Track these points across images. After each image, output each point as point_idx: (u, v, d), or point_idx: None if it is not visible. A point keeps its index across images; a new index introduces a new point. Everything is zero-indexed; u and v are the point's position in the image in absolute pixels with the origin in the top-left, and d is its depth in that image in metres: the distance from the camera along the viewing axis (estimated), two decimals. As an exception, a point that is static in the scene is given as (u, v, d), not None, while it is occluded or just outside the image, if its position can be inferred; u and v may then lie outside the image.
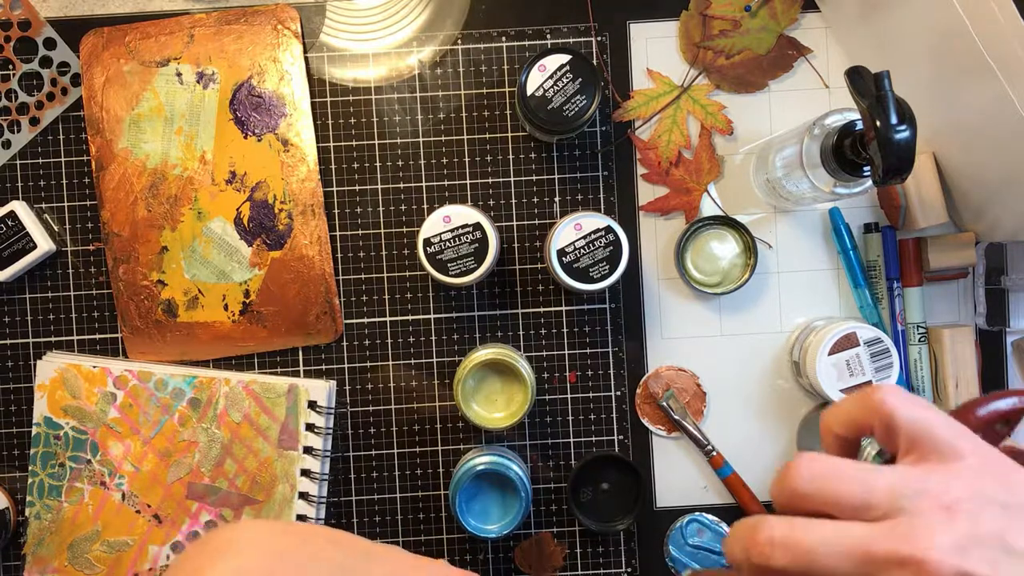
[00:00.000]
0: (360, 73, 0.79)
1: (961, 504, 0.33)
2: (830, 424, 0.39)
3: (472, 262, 0.71)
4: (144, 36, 0.78)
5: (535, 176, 0.80)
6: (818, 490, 0.35)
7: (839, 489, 0.35)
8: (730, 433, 0.80)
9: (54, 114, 0.79)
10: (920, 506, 0.33)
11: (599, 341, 0.80)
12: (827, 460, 0.36)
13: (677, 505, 0.80)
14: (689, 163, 0.79)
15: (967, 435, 0.36)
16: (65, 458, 0.78)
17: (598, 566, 0.80)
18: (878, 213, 0.80)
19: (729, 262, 0.78)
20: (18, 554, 0.79)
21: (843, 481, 0.35)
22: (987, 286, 0.78)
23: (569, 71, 0.72)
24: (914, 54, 0.71)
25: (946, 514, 0.33)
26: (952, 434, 0.36)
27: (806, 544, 0.34)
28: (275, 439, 0.78)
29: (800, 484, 0.36)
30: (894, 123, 0.57)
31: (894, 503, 0.34)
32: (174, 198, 0.78)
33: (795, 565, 0.34)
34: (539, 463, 0.80)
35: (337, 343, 0.80)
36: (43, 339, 0.79)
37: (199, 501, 0.78)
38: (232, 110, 0.78)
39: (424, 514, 0.80)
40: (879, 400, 0.37)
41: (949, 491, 0.34)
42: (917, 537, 0.33)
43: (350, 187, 0.79)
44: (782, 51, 0.79)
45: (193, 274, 0.79)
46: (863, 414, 0.38)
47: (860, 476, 0.35)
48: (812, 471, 0.35)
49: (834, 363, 0.73)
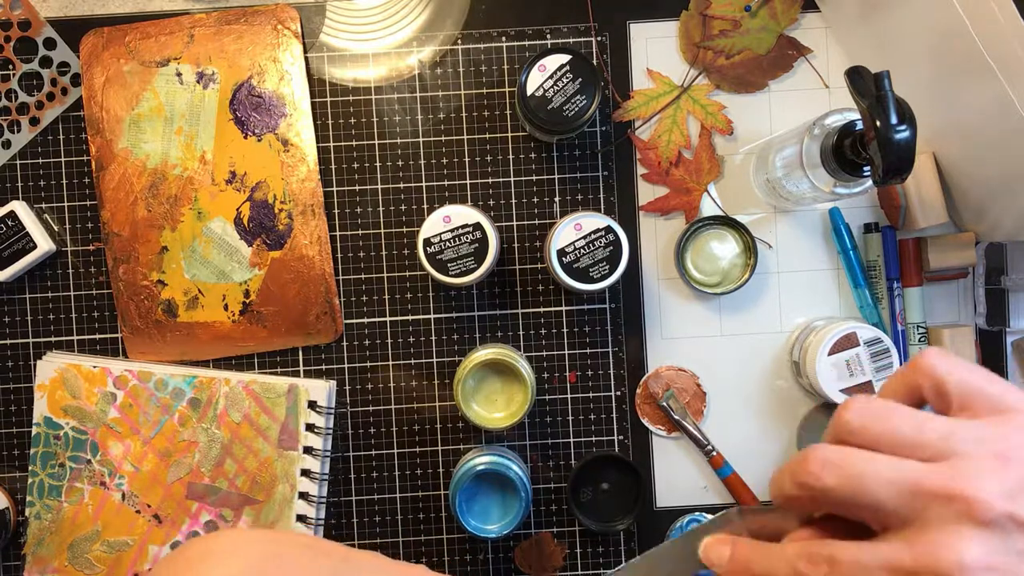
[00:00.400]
0: (360, 73, 0.79)
1: (1013, 452, 0.34)
2: (885, 393, 0.40)
3: (472, 262, 0.71)
4: (144, 36, 0.78)
5: (535, 176, 0.80)
6: (868, 424, 0.35)
7: (891, 425, 0.35)
8: (730, 433, 0.80)
9: (54, 114, 0.79)
10: (974, 451, 0.34)
11: (599, 341, 0.80)
12: (880, 400, 0.36)
13: (677, 505, 0.80)
14: (689, 163, 0.79)
15: (1018, 391, 0.36)
16: (65, 458, 0.78)
17: (598, 566, 0.80)
18: (878, 213, 0.80)
19: (729, 262, 0.78)
20: (18, 554, 0.79)
21: (894, 418, 0.35)
22: (987, 286, 0.78)
23: (569, 71, 0.72)
24: (914, 54, 0.71)
25: (999, 461, 0.33)
26: (1003, 389, 0.36)
27: (857, 467, 0.34)
28: (275, 439, 0.78)
29: (851, 417, 0.36)
30: (894, 123, 0.57)
31: (947, 445, 0.34)
32: (174, 198, 0.78)
33: (842, 487, 0.34)
34: (539, 463, 0.80)
35: (337, 343, 0.80)
36: (43, 339, 0.79)
37: (199, 501, 0.78)
38: (232, 110, 0.78)
39: (424, 514, 0.80)
40: (927, 364, 0.37)
41: (1003, 439, 0.34)
42: (969, 477, 0.33)
43: (350, 187, 0.79)
44: (782, 51, 0.79)
45: (193, 274, 0.79)
46: (913, 378, 0.38)
47: (914, 416, 0.35)
48: (864, 407, 0.36)
49: (834, 363, 0.73)
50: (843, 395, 0.73)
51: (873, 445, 0.35)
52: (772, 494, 0.37)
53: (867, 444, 0.35)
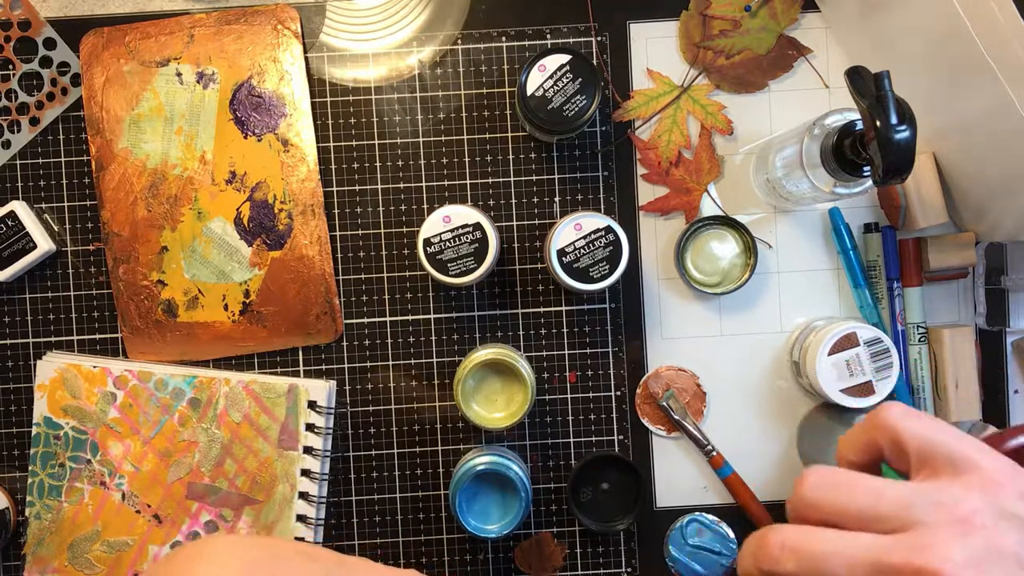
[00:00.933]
0: (360, 73, 0.79)
1: (977, 517, 0.32)
2: (843, 452, 0.39)
3: (472, 262, 0.71)
4: (144, 36, 0.78)
5: (535, 176, 0.80)
6: (825, 498, 0.34)
7: (848, 498, 0.34)
8: (730, 433, 0.80)
9: (54, 114, 0.79)
10: (934, 518, 0.32)
11: (599, 341, 0.80)
12: (837, 471, 0.35)
13: (677, 505, 0.80)
14: (689, 163, 0.79)
15: (981, 447, 0.35)
16: (65, 458, 0.78)
17: (598, 566, 0.80)
18: (878, 213, 0.80)
19: (729, 262, 0.78)
20: (18, 554, 0.79)
21: (852, 490, 0.34)
22: (987, 286, 0.78)
23: (569, 71, 0.72)
24: (914, 54, 0.71)
25: (961, 527, 0.32)
26: (964, 446, 0.35)
27: (816, 549, 0.33)
28: (275, 439, 0.78)
29: (808, 492, 0.35)
30: (894, 123, 0.57)
31: (907, 515, 0.33)
32: (174, 198, 0.78)
33: (803, 571, 0.33)
34: (539, 463, 0.80)
35: (337, 343, 0.80)
36: (43, 339, 0.79)
37: (199, 501, 0.78)
38: (232, 110, 0.78)
39: (424, 514, 0.80)
40: (883, 417, 0.36)
41: (964, 503, 0.33)
42: (932, 549, 0.31)
43: (350, 187, 0.79)
44: (782, 51, 0.79)
45: (193, 274, 0.79)
46: (871, 434, 0.37)
47: (870, 486, 0.34)
48: (821, 480, 0.35)
49: (834, 363, 0.73)
50: (843, 395, 0.73)
51: (834, 520, 0.34)
52: (740, 572, 0.36)
53: (827, 519, 0.34)
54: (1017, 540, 0.32)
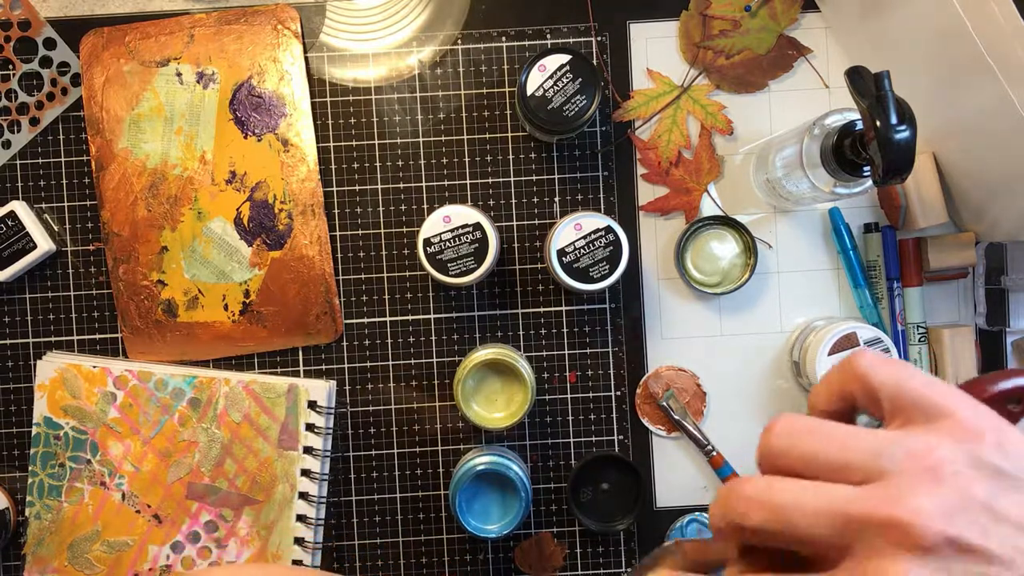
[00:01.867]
0: (360, 73, 0.79)
1: (947, 465, 0.31)
2: (814, 402, 0.37)
3: (472, 262, 0.71)
4: (144, 36, 0.78)
5: (535, 176, 0.80)
6: (792, 446, 0.33)
7: (814, 446, 0.33)
8: (730, 433, 0.80)
9: (54, 114, 0.79)
10: (904, 467, 0.31)
11: (599, 341, 0.80)
12: (805, 419, 0.34)
13: (677, 505, 0.80)
14: (689, 163, 0.79)
15: (956, 394, 0.33)
16: (65, 458, 0.78)
17: (598, 566, 0.80)
18: (878, 213, 0.80)
19: (729, 262, 0.78)
20: (18, 554, 0.79)
21: (820, 438, 0.33)
22: (987, 286, 0.78)
23: (569, 71, 0.72)
24: (914, 54, 0.71)
25: (932, 475, 0.31)
26: (937, 392, 0.33)
27: (782, 500, 0.32)
28: (275, 439, 0.78)
29: (774, 440, 0.34)
30: (894, 123, 0.57)
31: (876, 464, 0.32)
32: (174, 198, 0.78)
33: (770, 524, 0.32)
34: (539, 463, 0.80)
35: (337, 343, 0.80)
36: (43, 339, 0.79)
37: (199, 501, 0.78)
38: (232, 110, 0.78)
39: (424, 514, 0.80)
40: (854, 365, 0.35)
41: (935, 451, 0.31)
42: (901, 499, 0.30)
43: (350, 187, 0.79)
44: (782, 51, 0.79)
45: (193, 274, 0.79)
46: (842, 382, 0.35)
47: (838, 434, 0.33)
48: (788, 428, 0.34)
49: (834, 363, 0.73)
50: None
51: (800, 469, 0.33)
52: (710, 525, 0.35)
53: (794, 468, 0.33)
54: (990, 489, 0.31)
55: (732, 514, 0.33)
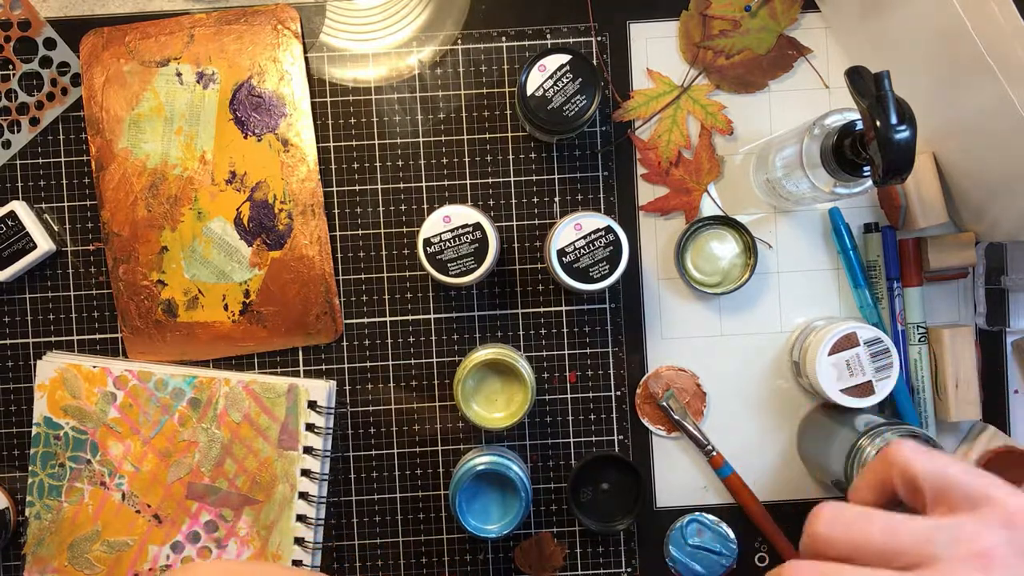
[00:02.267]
0: (360, 73, 0.79)
1: (996, 551, 0.32)
2: (858, 495, 0.38)
3: (472, 262, 0.71)
4: (144, 36, 0.78)
5: (535, 176, 0.80)
6: (842, 535, 0.34)
7: (865, 533, 0.33)
8: (730, 433, 0.80)
9: (54, 114, 0.79)
10: (953, 553, 0.32)
11: (599, 341, 0.80)
12: (852, 507, 0.35)
13: (677, 505, 0.80)
14: (689, 163, 0.79)
15: (995, 481, 0.34)
16: (65, 458, 0.78)
17: (598, 566, 0.80)
18: (878, 213, 0.80)
19: (729, 262, 0.78)
20: (18, 554, 0.79)
21: (868, 526, 0.34)
22: (987, 286, 0.78)
23: (569, 71, 0.72)
24: (914, 54, 0.71)
25: (981, 561, 0.32)
26: (979, 481, 0.34)
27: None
28: (275, 439, 0.78)
29: (822, 528, 0.34)
30: (894, 123, 0.57)
31: (926, 550, 0.32)
32: (174, 198, 0.78)
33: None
34: (539, 463, 0.80)
35: (337, 343, 0.80)
36: (43, 339, 0.79)
37: (199, 501, 0.78)
38: (232, 110, 0.78)
39: (424, 514, 0.80)
40: (894, 455, 0.36)
41: (983, 538, 0.32)
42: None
43: (350, 187, 0.79)
44: (782, 51, 0.79)
45: (193, 274, 0.79)
46: (883, 472, 0.36)
47: (887, 521, 0.34)
48: (836, 515, 0.34)
49: (834, 363, 0.73)
50: (843, 395, 0.73)
51: (848, 556, 0.34)
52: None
53: (842, 555, 0.34)
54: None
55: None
